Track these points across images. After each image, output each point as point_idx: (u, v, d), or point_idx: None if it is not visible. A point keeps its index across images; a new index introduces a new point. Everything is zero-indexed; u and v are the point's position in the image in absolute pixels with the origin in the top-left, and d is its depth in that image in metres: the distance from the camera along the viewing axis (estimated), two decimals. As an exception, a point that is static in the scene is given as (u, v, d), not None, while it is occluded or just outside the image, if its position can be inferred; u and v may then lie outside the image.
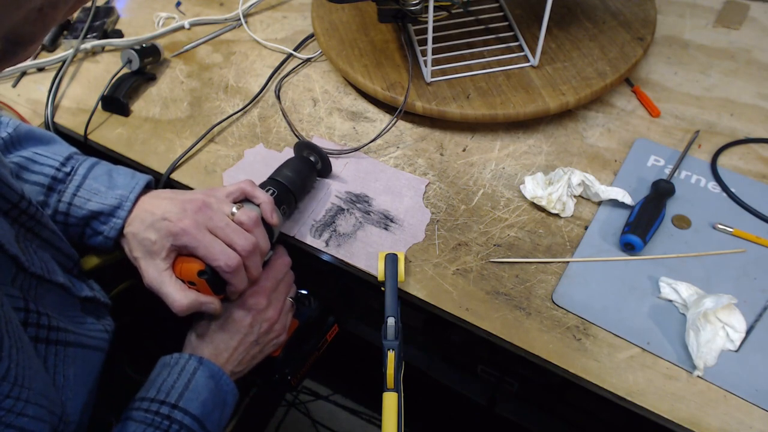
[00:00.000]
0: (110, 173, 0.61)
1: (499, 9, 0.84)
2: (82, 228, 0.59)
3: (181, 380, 0.54)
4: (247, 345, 0.60)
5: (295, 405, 1.45)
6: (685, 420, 0.53)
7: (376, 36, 0.83)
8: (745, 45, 0.85)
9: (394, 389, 0.53)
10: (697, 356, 0.55)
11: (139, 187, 0.59)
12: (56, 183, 0.59)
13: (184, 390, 0.54)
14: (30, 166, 0.59)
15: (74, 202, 0.58)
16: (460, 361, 1.11)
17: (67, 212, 0.58)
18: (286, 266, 0.65)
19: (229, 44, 0.92)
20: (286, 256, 0.65)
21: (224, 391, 0.57)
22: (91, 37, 0.91)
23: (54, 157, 0.59)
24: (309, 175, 0.69)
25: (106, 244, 0.59)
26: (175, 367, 0.55)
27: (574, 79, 0.74)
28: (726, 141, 0.73)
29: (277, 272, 0.63)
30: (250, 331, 0.60)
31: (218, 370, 0.57)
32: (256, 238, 0.57)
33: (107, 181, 0.59)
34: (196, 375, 0.55)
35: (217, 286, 0.56)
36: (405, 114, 0.77)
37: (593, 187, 0.66)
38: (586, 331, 0.59)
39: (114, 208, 0.58)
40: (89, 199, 0.58)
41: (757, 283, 0.60)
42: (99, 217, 0.58)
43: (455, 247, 0.66)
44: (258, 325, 0.60)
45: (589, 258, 0.63)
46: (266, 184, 0.64)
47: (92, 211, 0.58)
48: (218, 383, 0.56)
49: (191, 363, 0.56)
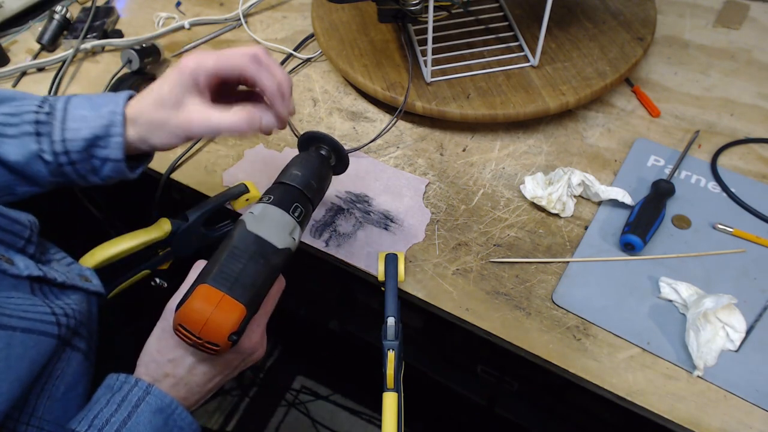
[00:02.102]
0: (89, 98, 0.56)
1: (499, 9, 0.84)
2: (89, 161, 0.55)
3: (120, 413, 0.46)
4: (222, 383, 0.53)
5: (295, 405, 1.45)
6: (685, 420, 0.53)
7: (376, 36, 0.83)
8: (745, 45, 0.85)
9: (394, 389, 0.53)
10: (697, 356, 0.55)
11: (123, 99, 0.55)
12: (41, 126, 0.54)
13: (120, 427, 0.45)
14: (10, 121, 0.55)
15: (67, 137, 0.54)
16: (460, 361, 1.11)
17: (66, 150, 0.54)
18: (280, 293, 0.55)
19: (229, 44, 0.92)
20: (282, 280, 0.55)
21: (177, 426, 0.48)
22: (91, 37, 0.91)
23: (29, 104, 0.56)
24: (323, 171, 0.56)
25: (122, 170, 0.55)
26: (117, 394, 0.47)
27: (574, 79, 0.74)
28: (726, 141, 0.73)
29: (274, 303, 0.54)
30: (233, 372, 0.53)
31: (170, 402, 0.48)
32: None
33: (89, 105, 0.55)
34: (138, 408, 0.46)
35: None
36: (405, 114, 0.77)
37: (593, 187, 0.66)
38: (586, 331, 0.59)
39: (107, 127, 0.53)
40: (79, 127, 0.54)
41: (757, 283, 0.60)
42: (97, 142, 0.54)
43: (455, 247, 0.66)
44: (243, 365, 0.53)
45: (589, 258, 0.63)
46: (269, 192, 0.53)
47: (87, 139, 0.54)
48: (168, 419, 0.47)
49: (135, 392, 0.47)
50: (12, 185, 0.57)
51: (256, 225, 0.49)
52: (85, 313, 0.55)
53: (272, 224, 0.49)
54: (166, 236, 0.62)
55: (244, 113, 0.52)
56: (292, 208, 0.51)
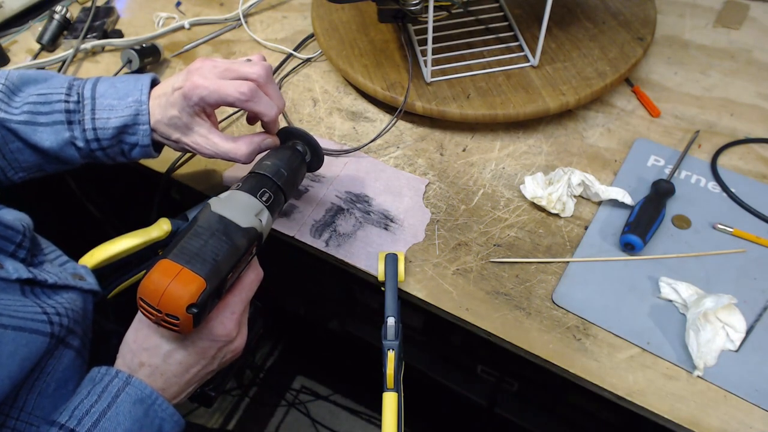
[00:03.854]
0: (114, 84, 0.61)
1: (499, 9, 0.84)
2: (119, 146, 0.61)
3: (100, 404, 0.46)
4: (202, 375, 0.52)
5: (295, 405, 1.45)
6: (685, 420, 0.53)
7: (376, 36, 0.83)
8: (745, 45, 0.85)
9: (394, 389, 0.53)
10: (697, 356, 0.55)
11: (146, 87, 0.60)
12: (72, 115, 0.59)
13: (100, 417, 0.45)
14: (41, 109, 0.59)
15: (97, 126, 0.59)
16: (460, 361, 1.11)
17: (98, 138, 0.60)
18: (257, 283, 0.55)
19: (229, 44, 0.92)
20: (258, 269, 0.56)
21: (158, 417, 0.48)
22: (91, 37, 0.91)
23: (57, 92, 0.60)
24: (294, 164, 0.59)
25: (149, 153, 0.61)
26: (98, 385, 0.47)
27: (574, 79, 0.74)
28: (726, 141, 0.73)
29: (250, 292, 0.54)
30: (211, 363, 0.51)
31: (150, 393, 0.48)
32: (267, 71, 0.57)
33: (115, 94, 0.60)
34: (119, 398, 0.46)
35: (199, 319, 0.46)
36: (405, 114, 0.77)
37: (593, 187, 0.66)
38: (586, 331, 0.59)
39: (134, 116, 0.59)
40: (108, 117, 0.59)
41: (757, 283, 0.60)
42: (126, 130, 0.59)
43: (455, 247, 0.66)
44: (222, 356, 0.52)
45: (589, 258, 0.63)
46: (245, 180, 0.55)
47: (117, 128, 0.59)
48: (149, 410, 0.47)
49: (115, 383, 0.47)
50: (43, 165, 0.62)
51: (221, 207, 0.50)
52: (79, 312, 0.56)
53: (237, 206, 0.51)
54: (165, 236, 0.62)
55: (249, 147, 0.58)
56: (260, 192, 0.53)
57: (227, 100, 0.55)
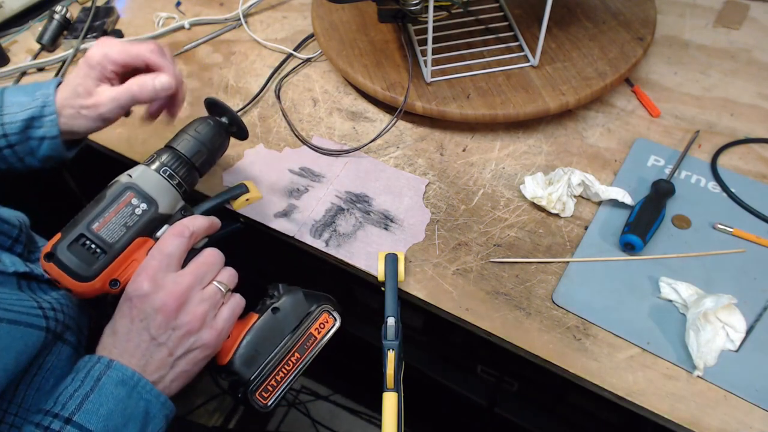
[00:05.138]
0: (23, 87, 0.62)
1: (499, 9, 0.84)
2: (27, 143, 0.61)
3: (83, 388, 0.45)
4: (171, 348, 0.49)
5: (295, 405, 1.45)
6: (685, 420, 0.53)
7: (376, 36, 0.83)
8: (745, 45, 0.85)
9: (394, 389, 0.53)
10: (697, 356, 0.55)
11: (54, 83, 0.61)
12: None
13: (83, 400, 0.45)
14: None
15: (5, 121, 0.60)
16: (460, 361, 1.11)
17: (5, 134, 0.60)
18: (213, 257, 0.52)
19: (229, 44, 0.92)
20: (214, 250, 0.54)
21: (143, 399, 0.47)
22: (91, 37, 0.91)
23: None
24: (216, 140, 0.60)
25: (59, 149, 0.61)
26: (81, 371, 0.47)
27: (574, 79, 0.74)
28: (726, 141, 0.73)
29: (200, 266, 0.51)
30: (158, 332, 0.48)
31: (131, 375, 0.47)
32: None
33: (24, 92, 0.61)
34: (101, 381, 0.46)
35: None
36: (405, 114, 0.76)
37: (593, 187, 0.66)
38: (586, 331, 0.59)
39: (41, 108, 0.60)
40: (16, 112, 0.60)
41: (757, 283, 0.60)
42: (32, 123, 0.60)
43: (455, 247, 0.66)
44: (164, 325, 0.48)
45: (589, 258, 0.63)
46: (155, 153, 0.56)
47: (24, 120, 0.60)
48: (132, 391, 0.47)
49: (97, 367, 0.47)
50: None
51: (129, 182, 0.53)
52: (74, 308, 0.56)
53: (146, 183, 0.53)
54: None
55: (135, 80, 0.59)
56: (170, 174, 0.55)
57: (133, 51, 0.58)
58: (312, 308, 0.55)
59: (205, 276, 0.51)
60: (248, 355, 0.52)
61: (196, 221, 0.54)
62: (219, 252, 0.54)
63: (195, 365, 0.50)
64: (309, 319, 0.55)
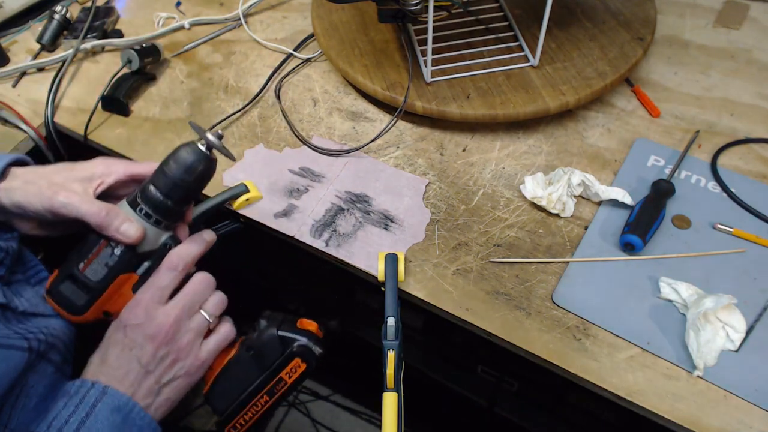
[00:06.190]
0: None
1: (499, 9, 0.84)
2: None
3: (78, 413, 0.46)
4: (159, 375, 0.51)
5: (295, 405, 1.45)
6: (685, 420, 0.53)
7: (376, 36, 0.83)
8: (745, 45, 0.85)
9: (394, 389, 0.53)
10: (697, 356, 0.55)
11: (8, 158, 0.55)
12: None
13: (79, 426, 0.46)
14: None
15: None
16: (460, 361, 1.11)
17: None
18: (202, 285, 0.54)
19: (229, 44, 0.92)
20: (204, 275, 0.55)
21: (136, 426, 0.48)
22: (91, 37, 0.91)
23: None
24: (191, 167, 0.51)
25: None
26: (74, 396, 0.47)
27: (574, 79, 0.74)
28: (726, 141, 0.73)
29: (187, 295, 0.53)
30: (151, 359, 0.50)
31: (127, 401, 0.48)
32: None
33: None
34: (96, 408, 0.47)
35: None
36: (405, 114, 0.76)
37: (593, 187, 0.66)
38: (586, 331, 0.59)
39: None
40: None
41: (757, 283, 0.60)
42: None
43: (455, 247, 0.66)
44: (155, 351, 0.50)
45: (589, 258, 0.63)
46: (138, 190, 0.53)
47: None
48: (126, 418, 0.48)
49: (92, 393, 0.48)
50: None
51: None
52: (57, 328, 0.55)
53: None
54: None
55: (105, 206, 0.51)
56: (145, 213, 0.52)
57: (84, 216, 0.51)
58: (286, 351, 0.55)
59: (193, 305, 0.53)
60: (222, 390, 0.55)
61: (190, 250, 0.54)
62: (209, 277, 0.55)
63: (178, 393, 0.52)
64: (280, 362, 0.55)
